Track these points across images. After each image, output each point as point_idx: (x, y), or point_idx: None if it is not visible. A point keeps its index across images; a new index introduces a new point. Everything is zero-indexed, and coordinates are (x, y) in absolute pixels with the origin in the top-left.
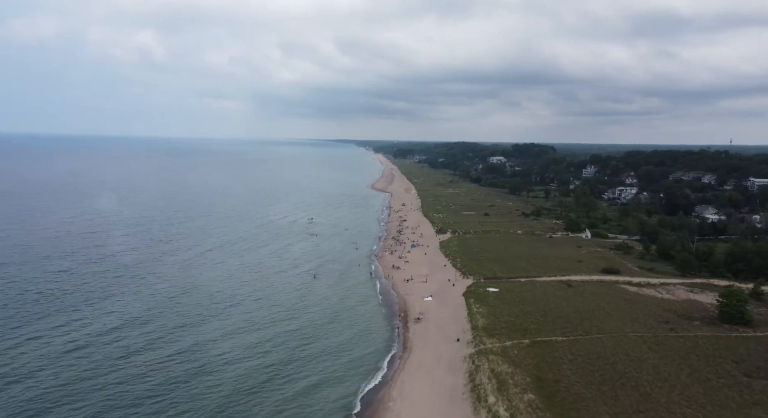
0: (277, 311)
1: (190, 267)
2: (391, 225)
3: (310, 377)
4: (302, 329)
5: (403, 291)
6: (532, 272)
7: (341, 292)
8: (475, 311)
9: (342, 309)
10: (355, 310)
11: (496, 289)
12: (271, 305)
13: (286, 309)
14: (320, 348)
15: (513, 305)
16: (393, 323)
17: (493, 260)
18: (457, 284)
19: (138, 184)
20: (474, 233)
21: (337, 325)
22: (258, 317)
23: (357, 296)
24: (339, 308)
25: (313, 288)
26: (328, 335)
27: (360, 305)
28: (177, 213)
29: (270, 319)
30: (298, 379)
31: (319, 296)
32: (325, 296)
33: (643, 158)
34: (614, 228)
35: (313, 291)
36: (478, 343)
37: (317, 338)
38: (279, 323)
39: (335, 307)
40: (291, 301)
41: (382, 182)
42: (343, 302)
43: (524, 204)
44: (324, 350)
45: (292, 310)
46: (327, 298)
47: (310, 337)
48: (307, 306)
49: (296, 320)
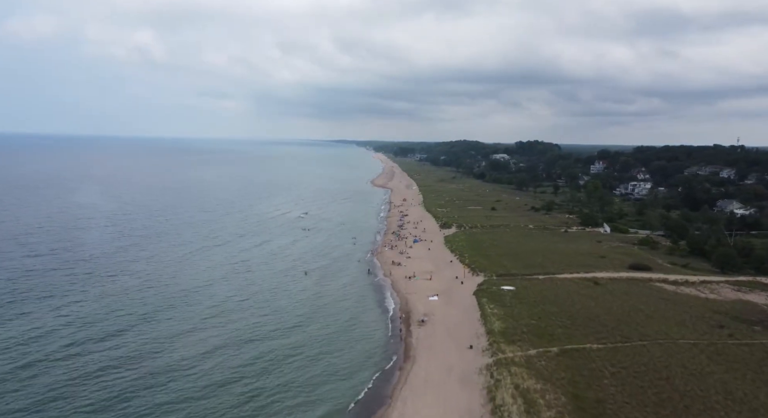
0: (260, 315)
1: (168, 265)
2: (391, 220)
3: (293, 391)
4: (288, 336)
5: (404, 289)
6: (551, 269)
7: (334, 291)
8: (489, 313)
9: (334, 311)
10: (349, 311)
11: (512, 287)
12: (254, 308)
13: (271, 312)
14: (306, 358)
15: (533, 305)
16: (393, 325)
17: (505, 256)
18: (466, 282)
19: (127, 180)
20: (481, 228)
21: (327, 329)
22: (238, 322)
23: (352, 296)
24: (331, 309)
25: (303, 287)
26: (316, 343)
27: (355, 305)
28: (164, 208)
29: (251, 326)
30: (285, 399)
31: (309, 296)
32: (315, 295)
33: (654, 154)
34: (632, 223)
35: (303, 290)
36: (496, 351)
37: (303, 346)
38: (260, 329)
39: (326, 308)
40: (277, 302)
41: (382, 179)
42: (337, 303)
43: (532, 199)
44: (310, 361)
45: (277, 313)
46: (318, 298)
47: (295, 345)
48: (295, 307)
49: (282, 327)
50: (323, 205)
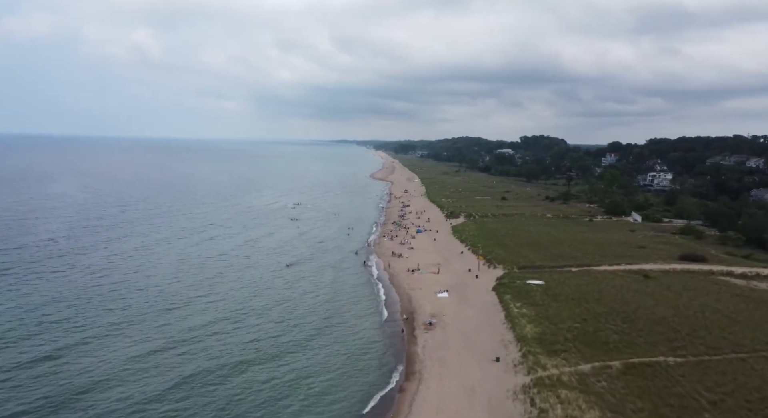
0: (224, 322)
1: (126, 259)
2: (391, 211)
3: None
4: (257, 350)
5: (407, 284)
6: (585, 260)
7: (321, 287)
8: (516, 313)
9: (319, 313)
10: (337, 313)
11: (541, 281)
12: (218, 312)
13: (238, 318)
14: (278, 384)
15: (573, 303)
16: (393, 330)
17: (526, 246)
18: (482, 275)
19: (113, 174)
20: (493, 217)
21: (308, 340)
22: (193, 331)
23: (342, 293)
24: (315, 311)
25: (284, 284)
26: (292, 360)
27: (345, 304)
28: (144, 200)
29: (209, 337)
30: None
31: (289, 295)
32: (298, 293)
33: (670, 145)
34: (662, 212)
35: (284, 289)
36: (534, 365)
37: (275, 365)
38: (221, 341)
39: (310, 310)
40: (249, 303)
41: (382, 173)
42: (323, 303)
43: (544, 191)
44: (283, 387)
45: (246, 319)
46: (301, 296)
47: (265, 366)
48: (270, 310)
49: (250, 338)
50: (318, 197)
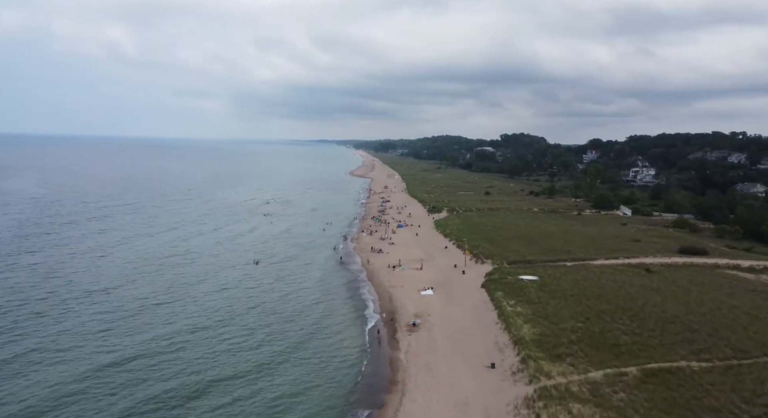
0: (177, 330)
1: (77, 258)
2: (370, 206)
3: None
4: (212, 365)
5: (387, 281)
6: (579, 254)
7: (293, 286)
8: (510, 312)
9: (288, 314)
10: (309, 314)
11: (534, 276)
12: (172, 317)
13: (195, 325)
14: (241, 392)
15: (572, 300)
16: (371, 332)
17: (514, 240)
18: (469, 271)
19: (77, 170)
20: (478, 211)
21: (273, 348)
22: (140, 345)
23: (315, 292)
24: (284, 313)
25: (252, 283)
26: (254, 374)
27: (319, 304)
28: (108, 196)
29: (157, 351)
30: None
31: (257, 296)
32: (266, 294)
33: (650, 142)
34: (647, 207)
35: (251, 288)
36: (537, 373)
37: (233, 384)
38: (172, 355)
39: (278, 312)
40: (209, 306)
41: (361, 170)
42: (293, 304)
43: (528, 186)
44: (244, 398)
45: (204, 326)
46: (269, 298)
47: (218, 385)
48: (232, 315)
49: (205, 350)
50: (294, 193)
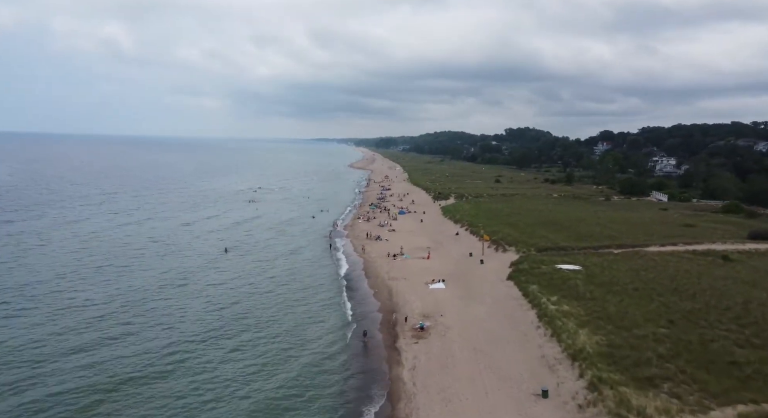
0: (120, 343)
1: (22, 244)
2: (369, 194)
3: None
4: (151, 388)
5: (387, 273)
6: (625, 240)
7: (271, 279)
8: (555, 311)
9: (260, 316)
10: (283, 315)
11: (576, 266)
12: (117, 317)
13: (141, 334)
14: None
15: (637, 296)
16: (367, 338)
17: (540, 225)
18: (489, 260)
19: (58, 160)
20: (489, 197)
21: (238, 364)
22: (76, 349)
23: (296, 285)
24: (255, 314)
25: (221, 277)
26: (209, 401)
27: (297, 303)
28: (86, 183)
29: (91, 370)
30: None
31: (224, 293)
32: (238, 290)
33: (665, 132)
34: (682, 193)
35: (219, 284)
36: (621, 409)
37: (197, 392)
38: (108, 360)
39: (248, 313)
40: (164, 304)
41: (362, 163)
42: (270, 300)
43: (540, 176)
44: None
45: (155, 336)
46: (240, 294)
47: (185, 387)
48: (191, 319)
49: (150, 367)
50: (288, 182)
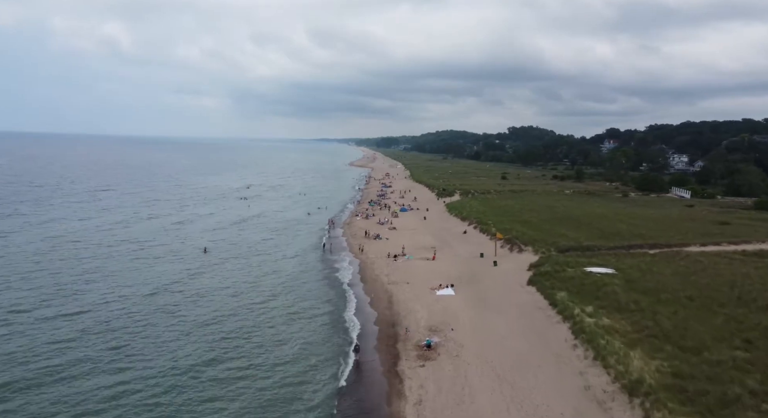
0: (58, 346)
1: None
2: (369, 191)
3: None
4: None
5: (387, 277)
6: (659, 239)
7: (252, 284)
8: (593, 325)
9: (236, 328)
10: (262, 329)
11: (609, 269)
12: (73, 332)
13: (99, 346)
14: None
15: (693, 306)
16: (359, 355)
17: (557, 222)
18: (503, 262)
19: (50, 158)
20: (497, 193)
21: (206, 393)
22: None
23: (281, 290)
24: (224, 328)
25: (196, 284)
26: None
27: (280, 312)
28: (72, 180)
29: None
30: None
31: (199, 300)
32: (213, 296)
33: (674, 130)
34: (701, 190)
35: (194, 292)
36: None
37: None
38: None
39: (223, 325)
40: (127, 315)
41: (362, 161)
42: (241, 311)
43: (548, 173)
44: None
45: (104, 359)
46: (210, 298)
47: None
48: (136, 330)
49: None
50: (285, 179)
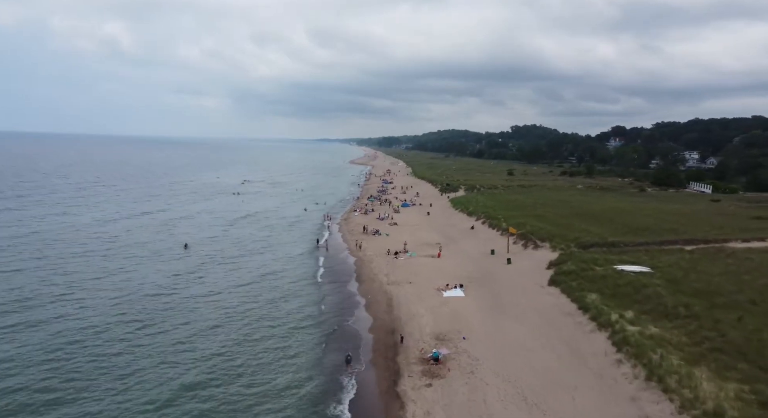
0: None
1: None
2: (369, 187)
3: None
4: None
5: (386, 276)
6: (694, 234)
7: (234, 282)
8: (638, 335)
9: (209, 337)
10: (257, 333)
11: (643, 267)
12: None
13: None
14: None
15: (759, 312)
16: (351, 367)
17: (574, 217)
18: (517, 259)
19: (45, 156)
20: (504, 189)
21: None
22: None
23: (268, 293)
24: (198, 337)
25: (168, 283)
26: None
27: (267, 315)
28: (56, 175)
29: None
30: None
31: (169, 305)
32: (185, 298)
33: (681, 127)
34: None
35: (167, 294)
36: None
37: None
38: None
39: (197, 332)
40: (92, 320)
41: (363, 159)
42: (220, 318)
43: (555, 169)
44: None
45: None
46: (184, 303)
47: None
48: (99, 335)
49: None
50: (283, 176)
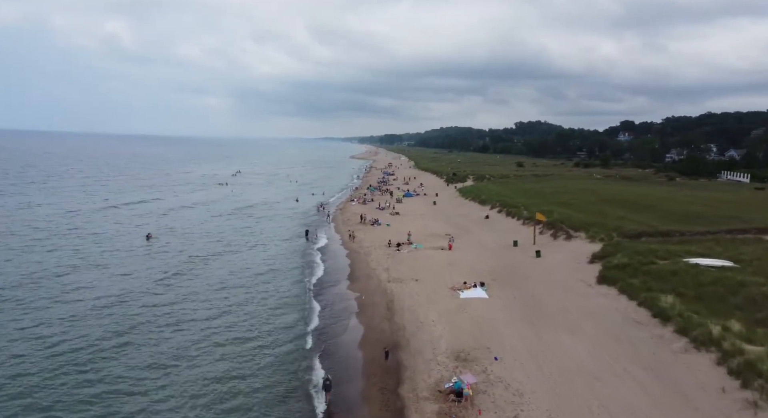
0: None
1: None
2: (369, 178)
3: None
4: None
5: (386, 271)
6: (757, 223)
7: (205, 280)
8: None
9: (155, 356)
10: (212, 352)
11: (723, 261)
12: None
13: None
14: None
15: None
16: (329, 397)
17: (608, 204)
18: (547, 251)
19: (39, 153)
20: (517, 178)
21: None
22: None
23: (242, 294)
24: (147, 347)
25: (119, 279)
26: None
27: (239, 327)
28: (31, 165)
29: None
30: None
31: (122, 300)
32: (136, 298)
33: (693, 122)
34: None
35: (124, 286)
36: None
37: None
38: None
39: (137, 350)
40: None
41: (364, 154)
42: (181, 321)
43: (567, 162)
44: None
45: None
46: (135, 306)
47: None
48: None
49: None
50: (281, 169)
